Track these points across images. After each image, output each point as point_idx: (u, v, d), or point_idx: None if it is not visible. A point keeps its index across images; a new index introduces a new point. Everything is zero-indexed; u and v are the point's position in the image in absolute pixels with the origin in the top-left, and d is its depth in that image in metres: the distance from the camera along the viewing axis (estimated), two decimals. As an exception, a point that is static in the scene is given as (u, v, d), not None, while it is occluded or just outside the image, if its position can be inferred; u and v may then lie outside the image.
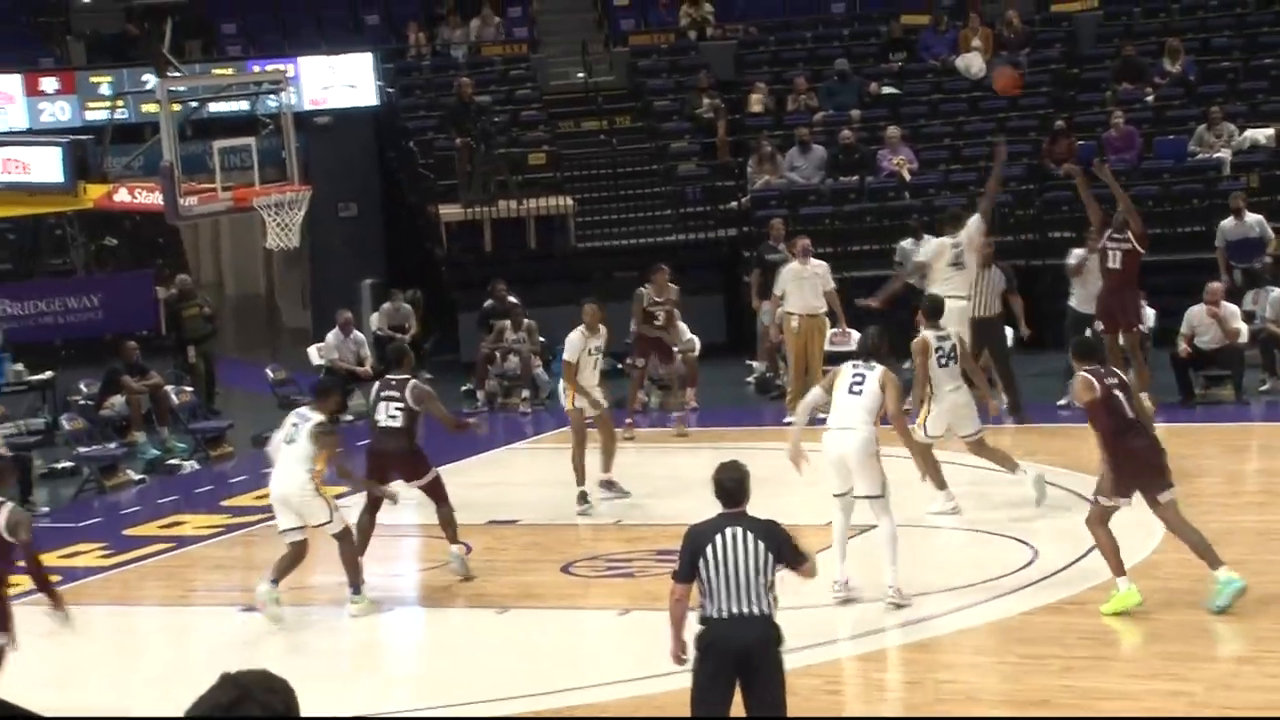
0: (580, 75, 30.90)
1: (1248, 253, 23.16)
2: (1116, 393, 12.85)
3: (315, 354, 24.19)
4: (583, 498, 17.01)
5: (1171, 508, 12.94)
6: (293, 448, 14.06)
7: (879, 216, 26.31)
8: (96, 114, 26.66)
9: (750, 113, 28.88)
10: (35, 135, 24.01)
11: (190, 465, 21.00)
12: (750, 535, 9.04)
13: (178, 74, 16.93)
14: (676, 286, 21.73)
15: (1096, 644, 12.41)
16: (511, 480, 17.95)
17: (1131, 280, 19.46)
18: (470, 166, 27.03)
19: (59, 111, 27.59)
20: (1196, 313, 20.96)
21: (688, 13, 31.19)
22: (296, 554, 14.00)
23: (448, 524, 14.98)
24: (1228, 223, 23.40)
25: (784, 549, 9.15)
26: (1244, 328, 20.96)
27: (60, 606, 11.53)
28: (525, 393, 23.44)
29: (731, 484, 9.30)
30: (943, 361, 15.97)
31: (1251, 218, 23.31)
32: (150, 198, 15.96)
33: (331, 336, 23.99)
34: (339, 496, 14.82)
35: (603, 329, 17.47)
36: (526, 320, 24.04)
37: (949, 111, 28.60)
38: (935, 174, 27.15)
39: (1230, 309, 21.01)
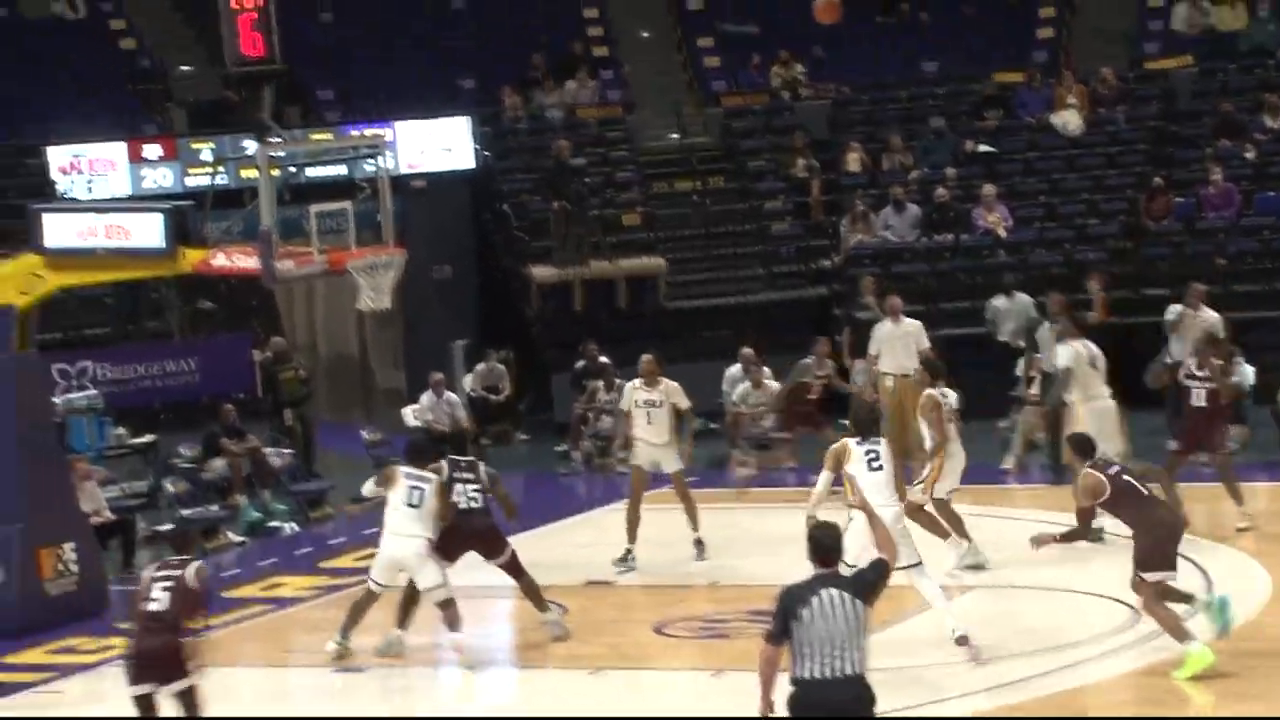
0: (675, 136, 31.05)
1: None
2: (1125, 476, 13.09)
3: (410, 415, 24.35)
4: (624, 557, 17.13)
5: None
6: (415, 511, 14.37)
7: (973, 274, 26.25)
8: (197, 180, 27.07)
9: (846, 172, 28.92)
10: (137, 201, 24.42)
11: (290, 527, 21.17)
12: (845, 596, 9.06)
13: (277, 139, 17.13)
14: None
15: (1200, 707, 12.25)
16: (606, 540, 17.95)
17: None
18: (565, 228, 27.22)
19: (161, 178, 28.01)
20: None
21: (779, 73, 31.30)
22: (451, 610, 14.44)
23: (532, 594, 15.15)
24: None
25: (875, 587, 9.25)
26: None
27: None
28: (621, 453, 23.44)
29: (828, 543, 9.32)
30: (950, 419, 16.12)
31: None
32: (247, 261, 16.11)
33: (425, 398, 24.15)
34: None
35: (664, 382, 17.54)
36: (619, 380, 24.08)
37: (1044, 169, 28.51)
38: (1030, 231, 27.05)
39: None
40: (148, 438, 23.69)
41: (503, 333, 27.45)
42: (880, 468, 13.80)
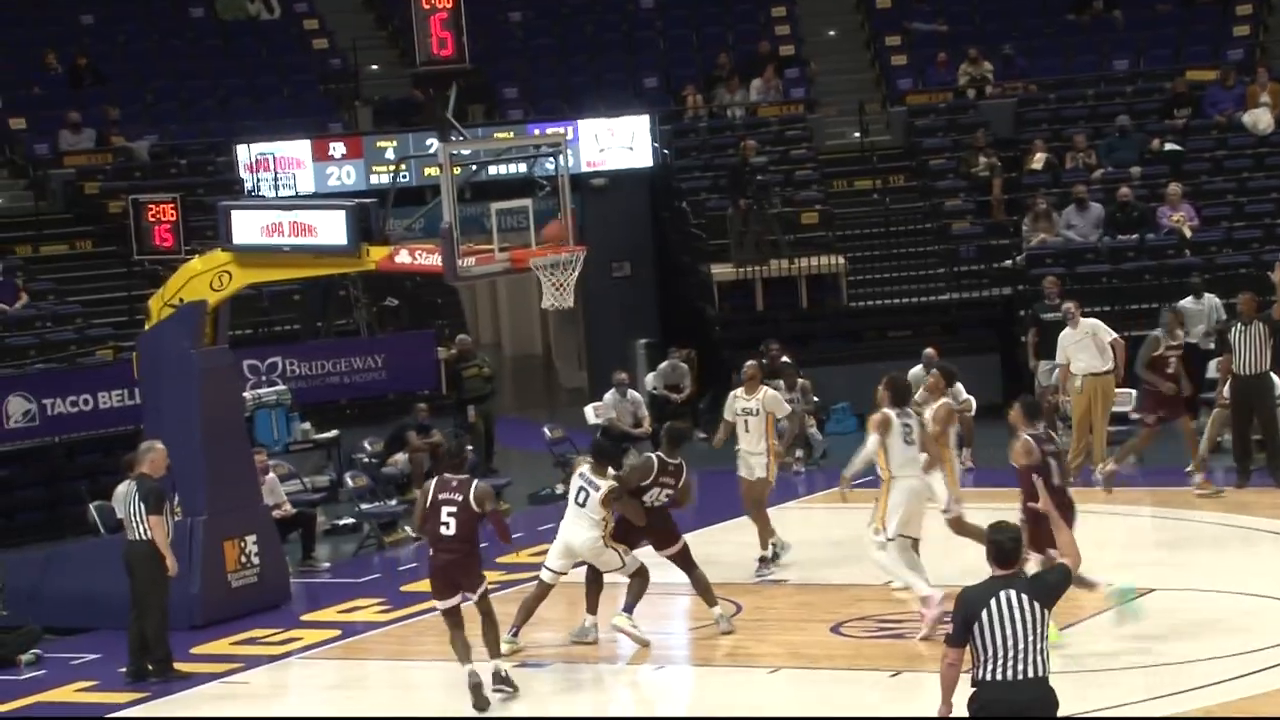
0: (855, 135, 30.76)
1: None
2: (1051, 460, 13.90)
3: (591, 413, 24.34)
4: (762, 561, 17.10)
5: None
6: (582, 510, 14.58)
7: (1158, 275, 25.66)
8: (380, 178, 27.29)
9: (1029, 170, 28.43)
10: (322, 199, 24.66)
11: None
12: (1025, 597, 8.91)
13: (459, 138, 17.13)
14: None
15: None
16: (784, 539, 17.72)
17: None
18: (744, 226, 27.06)
19: (345, 176, 28.31)
20: None
21: (966, 71, 30.90)
22: (640, 580, 14.68)
23: (703, 589, 15.07)
24: None
25: (1056, 591, 9.10)
26: None
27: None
28: (799, 452, 23.23)
29: (1009, 545, 9.09)
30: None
31: None
32: (429, 259, 16.11)
33: (609, 396, 24.13)
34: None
35: (764, 390, 17.35)
36: (800, 380, 23.87)
37: (1232, 168, 27.81)
38: (1217, 231, 26.39)
39: None
40: (332, 433, 23.92)
41: (683, 331, 27.34)
42: (913, 441, 14.47)
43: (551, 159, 17.40)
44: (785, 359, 24.25)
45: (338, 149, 28.56)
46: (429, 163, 22.70)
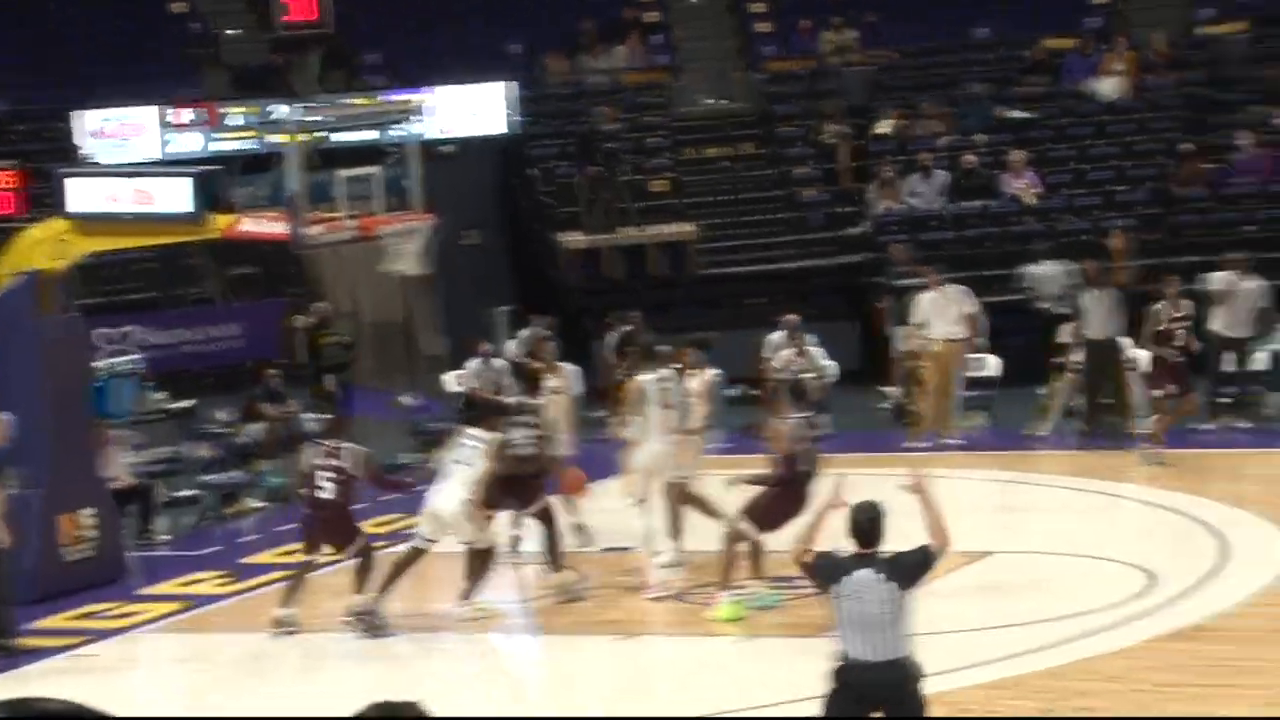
0: (711, 102, 30.47)
1: None
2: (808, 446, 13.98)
3: (453, 381, 23.92)
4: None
5: None
6: (466, 470, 14.21)
7: (1001, 241, 25.65)
8: (227, 145, 26.60)
9: (874, 137, 28.29)
10: (167, 165, 23.99)
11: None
12: (880, 577, 8.74)
13: (309, 104, 16.69)
14: None
15: (1230, 672, 11.81)
16: (625, 508, 17.47)
17: None
18: (593, 194, 26.74)
19: (190, 142, 27.55)
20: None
21: (830, 39, 30.58)
22: (481, 561, 14.25)
23: (554, 553, 14.85)
24: None
25: (915, 573, 8.86)
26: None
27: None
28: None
29: (866, 524, 8.92)
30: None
31: None
32: (276, 227, 15.69)
33: (472, 364, 23.72)
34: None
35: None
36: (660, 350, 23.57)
37: (1075, 135, 27.84)
38: (1059, 198, 26.42)
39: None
40: (186, 403, 23.33)
41: (537, 300, 26.93)
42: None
43: (400, 126, 17.00)
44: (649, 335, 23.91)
45: (187, 115, 27.84)
46: (278, 129, 22.11)
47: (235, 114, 27.70)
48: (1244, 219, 24.83)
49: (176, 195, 15.96)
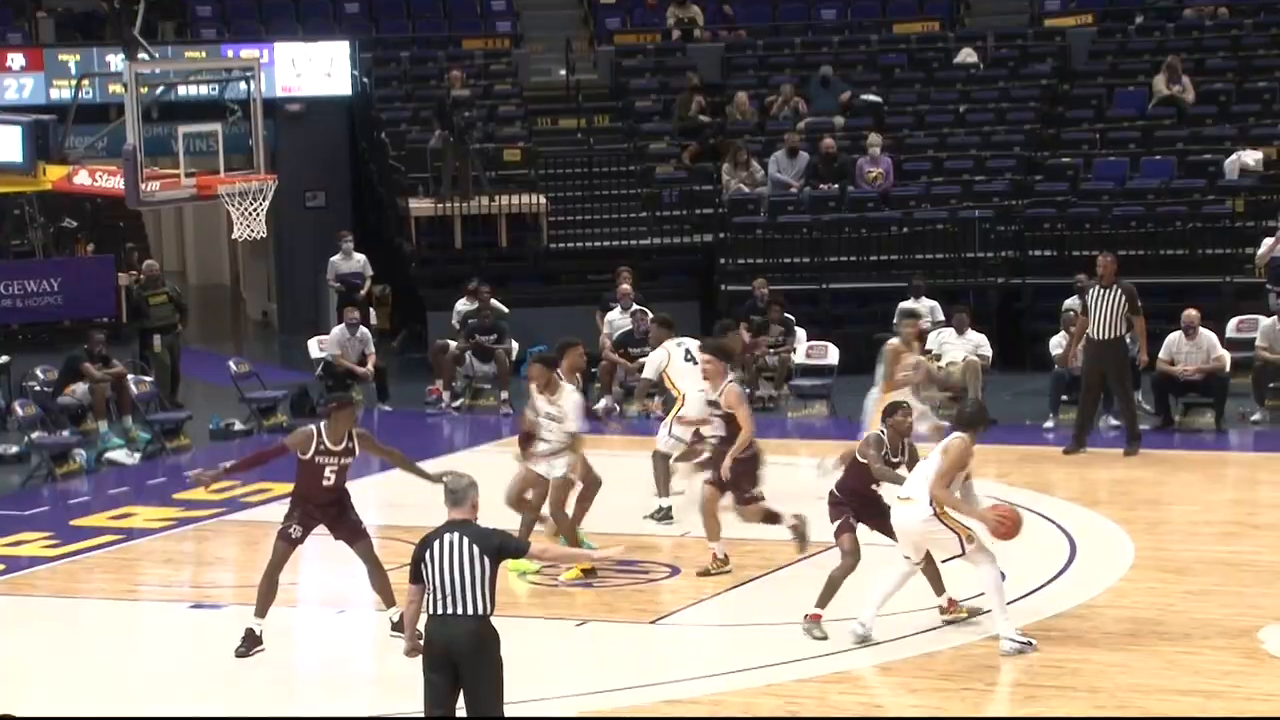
0: (563, 73, 30.81)
1: None
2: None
3: (316, 348, 24.00)
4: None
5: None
6: None
7: (856, 227, 26.23)
8: (61, 93, 26.49)
9: (736, 117, 28.80)
10: (-2, 112, 23.84)
11: (132, 458, 20.65)
12: (467, 541, 9.73)
13: (147, 56, 16.75)
14: None
15: (1061, 673, 12.35)
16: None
17: None
18: (442, 161, 26.94)
19: (23, 89, 27.40)
20: (1176, 339, 20.85)
21: (675, 14, 31.13)
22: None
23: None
24: (1269, 241, 23.13)
25: (506, 547, 9.92)
26: (1227, 356, 20.86)
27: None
28: (505, 394, 23.26)
29: (458, 493, 9.93)
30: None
31: None
32: (110, 181, 15.80)
33: (337, 331, 23.86)
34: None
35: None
36: (504, 324, 23.95)
37: (934, 123, 28.56)
38: (917, 186, 27.07)
39: (1209, 337, 20.91)
40: (1, 359, 23.25)
41: (379, 266, 27.08)
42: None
43: (244, 83, 17.13)
44: (498, 304, 24.20)
45: (16, 60, 27.65)
46: (114, 80, 22.09)
47: (65, 60, 27.57)
48: (1099, 214, 25.60)
49: (8, 144, 16.02)
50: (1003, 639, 12.69)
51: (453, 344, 23.83)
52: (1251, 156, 25.76)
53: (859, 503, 13.30)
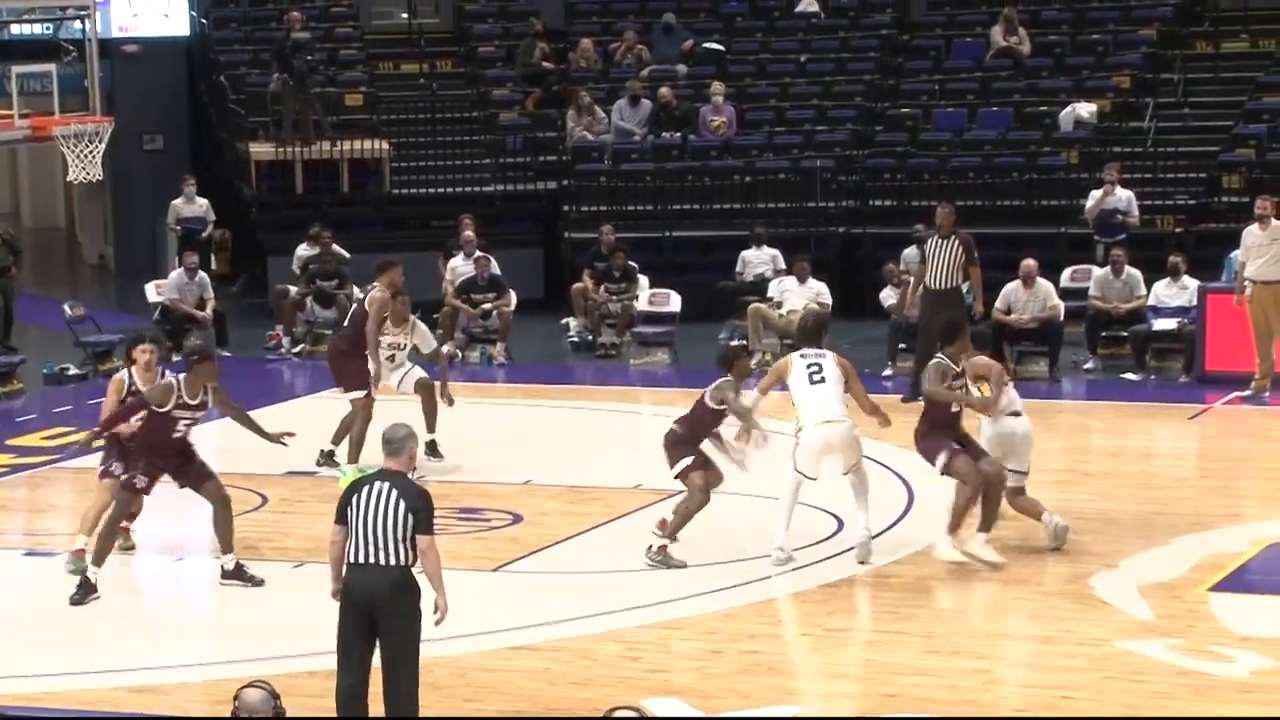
0: (404, 16, 30.51)
1: (1113, 229, 23.16)
2: None
3: (153, 291, 23.63)
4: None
5: None
6: None
7: (700, 175, 26.28)
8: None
9: (579, 65, 28.68)
10: None
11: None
12: (394, 493, 9.72)
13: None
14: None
15: (897, 619, 12.51)
16: (313, 429, 17.65)
17: None
18: (283, 104, 26.60)
19: None
20: (1013, 289, 21.12)
21: (513, -42, 30.92)
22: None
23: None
24: (1097, 194, 23.41)
25: (421, 514, 9.75)
26: (1061, 305, 21.17)
27: None
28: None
29: (394, 440, 9.91)
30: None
31: (1122, 193, 23.32)
32: (-60, 121, 15.44)
33: (174, 276, 23.49)
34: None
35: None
36: (345, 269, 23.73)
37: (775, 72, 28.62)
38: (759, 135, 27.14)
39: (1045, 286, 21.21)
40: None
41: (219, 210, 26.72)
42: (823, 380, 13.45)
43: (79, 22, 16.78)
44: (339, 249, 23.95)
45: None
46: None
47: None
48: (938, 165, 25.84)
49: None
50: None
51: (293, 289, 23.62)
52: (1085, 109, 26.07)
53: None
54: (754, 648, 12.00)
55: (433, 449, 16.47)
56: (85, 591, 12.80)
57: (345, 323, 16.88)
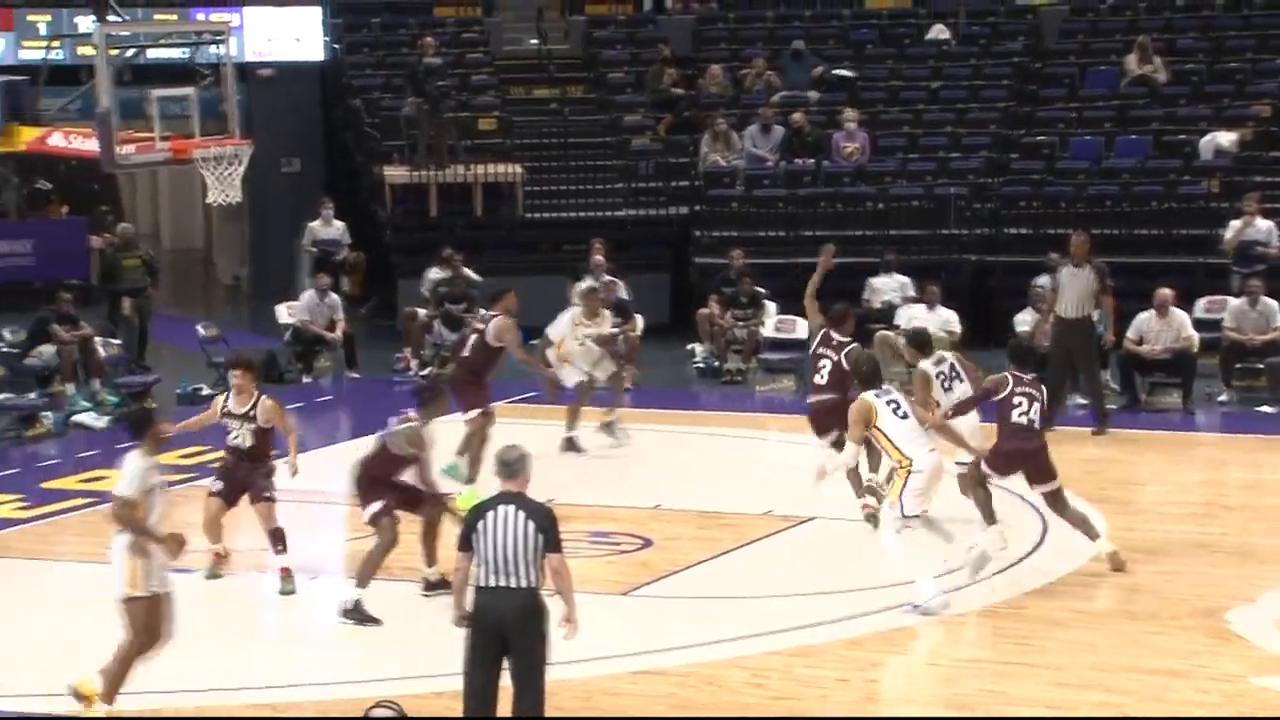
0: (534, 42, 30.71)
1: (1252, 260, 22.75)
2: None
3: (285, 313, 23.94)
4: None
5: None
6: None
7: (832, 202, 26.22)
8: (32, 54, 26.30)
9: (709, 91, 28.72)
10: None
11: (100, 421, 20.54)
12: (521, 515, 9.74)
13: (117, 18, 16.65)
14: None
15: (1029, 651, 12.39)
16: (441, 452, 17.71)
17: None
18: (418, 129, 26.86)
19: (-5, 48, 27.24)
20: (1146, 319, 20.86)
21: (646, -15, 31.10)
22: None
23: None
24: (1237, 224, 23.05)
25: (550, 534, 9.79)
26: (1196, 336, 20.89)
27: None
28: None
29: (511, 465, 9.96)
30: (947, 386, 15.03)
31: (1263, 224, 22.97)
32: (85, 144, 15.71)
33: (306, 298, 23.80)
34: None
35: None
36: (475, 293, 23.90)
37: (908, 99, 28.52)
38: (892, 161, 27.04)
39: (1180, 316, 20.93)
40: (-33, 320, 23.15)
41: (352, 232, 27.01)
42: (906, 416, 13.35)
43: (215, 47, 17.03)
44: (468, 271, 24.17)
45: (-12, 19, 27.49)
46: (84, 42, 21.95)
47: (35, 21, 27.39)
48: (1075, 193, 25.61)
49: (-25, 104, 15.92)
50: None
51: (422, 312, 23.82)
52: (1226, 138, 25.76)
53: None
54: (879, 677, 11.93)
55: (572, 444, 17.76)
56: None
57: (467, 352, 17.10)
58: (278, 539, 13.93)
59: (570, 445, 18.33)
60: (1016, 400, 13.82)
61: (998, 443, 13.89)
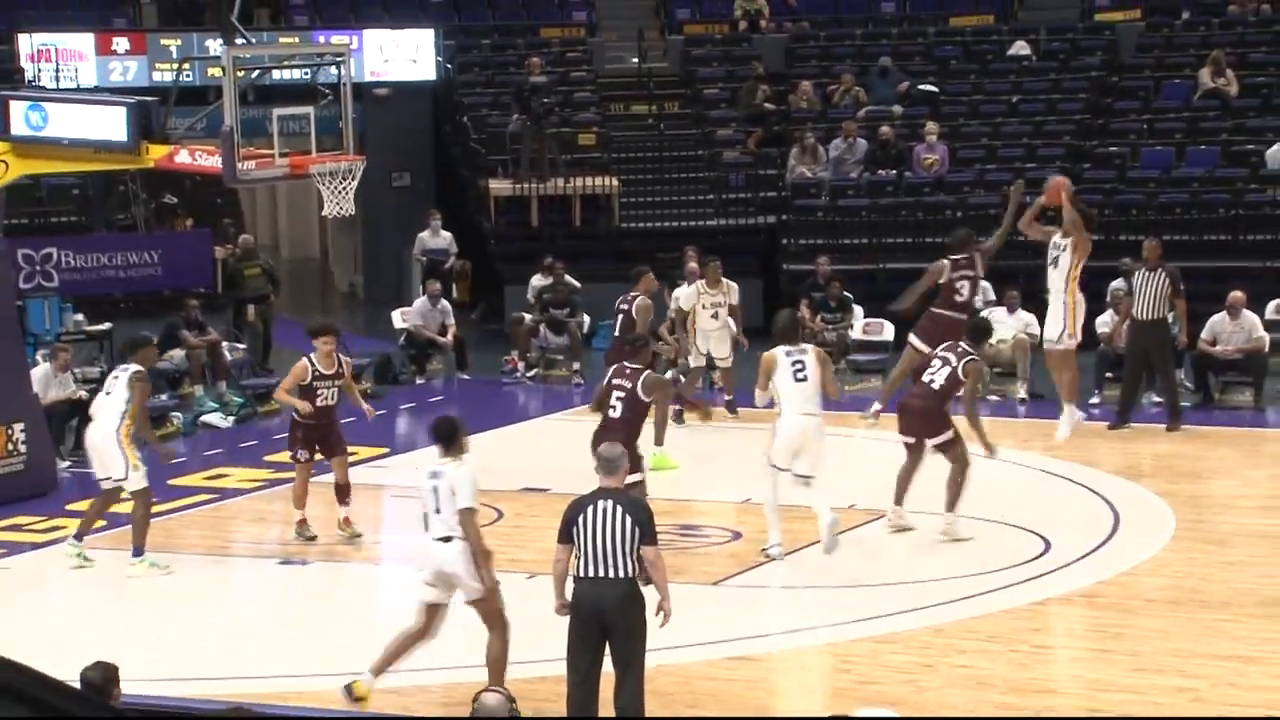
0: (634, 61, 30.77)
1: None
2: None
3: (399, 318, 24.11)
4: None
5: None
6: (109, 399, 14.58)
7: (914, 211, 26.13)
8: (163, 75, 26.63)
9: (799, 106, 28.67)
10: (103, 93, 23.98)
11: (225, 421, 20.75)
12: (619, 509, 9.84)
13: (244, 41, 16.80)
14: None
15: (1104, 637, 12.30)
16: (543, 449, 17.81)
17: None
18: (521, 144, 26.99)
19: (127, 71, 27.56)
20: (1219, 320, 20.65)
21: (742, 5, 31.06)
22: (103, 504, 14.69)
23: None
24: None
25: (646, 527, 9.88)
26: (1267, 337, 20.65)
27: None
28: (576, 364, 23.30)
29: (613, 462, 10.10)
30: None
31: None
32: (209, 160, 15.83)
33: (419, 303, 23.96)
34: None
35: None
36: (576, 298, 24.00)
37: (987, 113, 28.36)
38: (971, 172, 26.91)
39: (1251, 318, 20.69)
40: (104, 325, 23.42)
41: (460, 243, 27.25)
42: (805, 378, 13.73)
43: (334, 68, 17.13)
44: (571, 279, 24.26)
45: (121, 44, 27.79)
46: (212, 63, 22.18)
47: (167, 45, 27.72)
48: (1146, 201, 25.38)
49: (113, 123, 16.09)
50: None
51: (528, 317, 23.92)
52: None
53: None
54: (964, 662, 11.86)
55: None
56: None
57: (617, 331, 18.61)
58: (344, 493, 14.98)
59: (678, 418, 18.89)
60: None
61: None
